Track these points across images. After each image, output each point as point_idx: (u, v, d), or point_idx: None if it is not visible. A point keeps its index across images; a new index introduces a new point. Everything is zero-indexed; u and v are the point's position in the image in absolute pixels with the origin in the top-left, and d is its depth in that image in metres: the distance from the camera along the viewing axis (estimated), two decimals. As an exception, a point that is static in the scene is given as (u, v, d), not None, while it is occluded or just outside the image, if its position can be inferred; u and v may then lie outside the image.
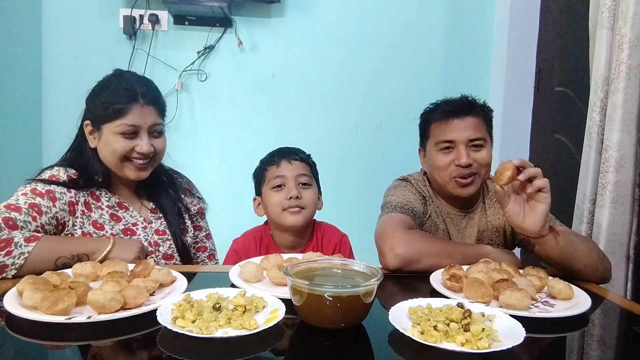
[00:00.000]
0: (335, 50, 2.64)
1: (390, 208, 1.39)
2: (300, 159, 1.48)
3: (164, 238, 1.41)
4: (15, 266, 1.09)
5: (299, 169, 1.46)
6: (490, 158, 1.41)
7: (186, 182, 1.57)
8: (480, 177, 1.40)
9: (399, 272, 1.23)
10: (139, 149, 1.31)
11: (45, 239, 1.15)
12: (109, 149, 1.31)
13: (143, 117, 1.31)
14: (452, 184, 1.40)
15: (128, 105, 1.29)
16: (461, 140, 1.38)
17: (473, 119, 1.39)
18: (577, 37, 2.05)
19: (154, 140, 1.34)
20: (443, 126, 1.41)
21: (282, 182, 1.44)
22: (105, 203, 1.36)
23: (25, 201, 1.21)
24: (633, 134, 1.61)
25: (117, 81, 1.34)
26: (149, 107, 1.33)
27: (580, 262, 1.21)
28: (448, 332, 0.81)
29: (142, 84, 1.35)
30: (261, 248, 1.47)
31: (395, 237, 1.25)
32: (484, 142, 1.40)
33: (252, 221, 1.57)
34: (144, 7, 2.50)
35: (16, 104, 2.38)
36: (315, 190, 1.49)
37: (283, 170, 1.44)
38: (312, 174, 1.50)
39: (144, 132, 1.32)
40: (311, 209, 1.46)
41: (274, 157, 1.48)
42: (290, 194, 1.41)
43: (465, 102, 1.43)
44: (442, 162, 1.40)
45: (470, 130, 1.38)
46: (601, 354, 0.91)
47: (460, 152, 1.37)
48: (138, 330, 0.86)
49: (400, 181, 1.52)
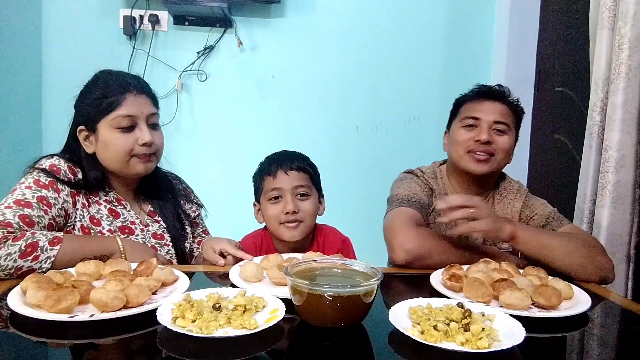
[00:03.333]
0: (335, 50, 2.64)
1: (397, 202, 1.39)
2: (298, 167, 1.41)
3: (162, 243, 1.39)
4: (42, 270, 1.09)
5: (296, 179, 1.40)
6: (511, 147, 1.45)
7: (184, 188, 1.56)
8: (496, 161, 1.42)
9: (407, 268, 1.24)
10: (141, 141, 1.27)
11: (68, 240, 1.14)
12: (110, 149, 1.27)
13: (139, 107, 1.28)
14: (467, 158, 1.42)
15: (121, 95, 1.26)
16: (486, 119, 1.42)
17: (502, 106, 1.44)
18: (577, 37, 2.05)
19: (153, 132, 1.31)
20: (474, 105, 1.46)
21: (279, 194, 1.39)
22: (104, 198, 1.34)
23: (32, 195, 1.19)
24: (633, 134, 1.61)
25: (104, 77, 1.32)
26: (142, 95, 1.30)
27: (559, 262, 1.22)
28: (448, 332, 0.81)
29: (130, 76, 1.33)
30: (261, 253, 1.45)
31: (405, 233, 1.26)
32: (508, 129, 1.43)
33: (252, 222, 1.57)
34: (144, 7, 2.50)
35: (16, 104, 2.38)
36: (315, 199, 1.44)
37: (279, 182, 1.39)
38: (312, 180, 1.45)
39: (142, 122, 1.29)
40: (309, 221, 1.42)
41: (271, 166, 1.42)
42: (287, 209, 1.37)
43: (499, 90, 1.48)
44: (462, 136, 1.44)
45: (497, 113, 1.42)
46: (601, 353, 0.91)
47: (482, 129, 1.41)
48: (141, 329, 0.87)
49: (406, 174, 1.53)
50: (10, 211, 1.14)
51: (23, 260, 1.07)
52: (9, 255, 1.06)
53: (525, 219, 1.47)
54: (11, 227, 1.11)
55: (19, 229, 1.12)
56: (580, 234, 1.37)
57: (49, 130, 2.57)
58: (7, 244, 1.07)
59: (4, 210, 1.14)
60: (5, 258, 1.06)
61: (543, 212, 1.45)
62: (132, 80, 1.31)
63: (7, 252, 1.06)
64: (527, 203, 1.48)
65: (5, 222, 1.11)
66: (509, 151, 1.44)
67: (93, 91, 1.29)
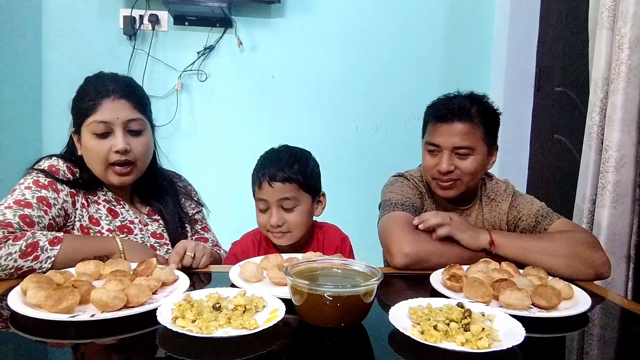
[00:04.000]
0: (335, 50, 2.64)
1: (391, 206, 1.39)
2: (283, 179, 1.33)
3: (161, 242, 1.39)
4: (42, 270, 1.09)
5: (281, 192, 1.33)
6: (477, 167, 1.38)
7: (184, 186, 1.55)
8: (463, 183, 1.40)
9: (406, 271, 1.24)
10: (114, 147, 1.24)
11: (68, 240, 1.14)
12: (89, 155, 1.27)
13: (114, 112, 1.24)
14: (434, 184, 1.42)
15: (97, 101, 1.24)
16: (446, 147, 1.37)
17: (462, 126, 1.35)
18: (577, 37, 2.05)
19: (131, 139, 1.27)
20: (433, 129, 1.40)
21: (265, 205, 1.36)
22: (102, 197, 1.34)
23: (32, 195, 1.19)
24: (633, 134, 1.61)
25: (88, 81, 1.31)
26: (120, 101, 1.25)
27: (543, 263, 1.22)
28: (448, 332, 0.81)
29: (114, 81, 1.29)
30: (260, 251, 1.44)
31: (403, 237, 1.26)
32: (472, 150, 1.37)
33: (252, 221, 1.56)
34: (144, 7, 2.50)
35: (16, 104, 2.38)
36: (305, 206, 1.37)
37: (264, 194, 1.34)
38: (302, 187, 1.36)
39: (118, 128, 1.24)
40: (298, 231, 1.38)
41: (259, 173, 1.37)
42: (271, 222, 1.34)
43: (459, 106, 1.37)
44: (427, 163, 1.42)
45: (457, 137, 1.36)
46: (601, 354, 0.91)
47: (442, 157, 1.37)
48: (141, 329, 0.87)
49: (396, 177, 1.53)
50: (11, 211, 1.14)
51: (23, 260, 1.07)
52: (9, 255, 1.06)
53: (513, 220, 1.45)
54: (11, 227, 1.11)
55: (19, 229, 1.12)
56: (570, 231, 1.34)
57: (49, 131, 2.57)
58: (7, 243, 1.07)
59: (4, 211, 1.14)
60: (5, 258, 1.06)
61: (530, 211, 1.43)
62: (112, 84, 1.27)
63: (7, 251, 1.06)
64: (513, 204, 1.47)
65: (5, 222, 1.11)
66: (475, 172, 1.39)
67: (78, 94, 1.30)
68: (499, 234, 1.31)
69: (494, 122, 1.43)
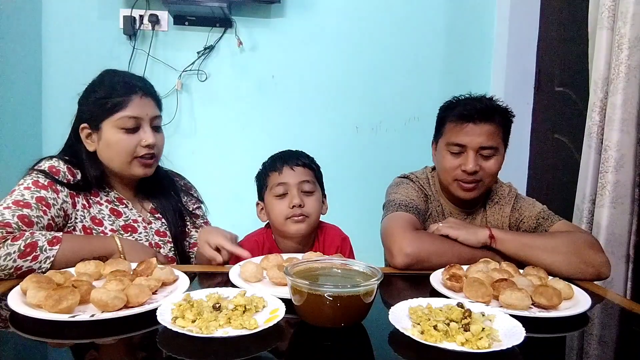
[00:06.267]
0: (335, 50, 2.64)
1: (394, 207, 1.39)
2: (303, 164, 1.43)
3: (165, 240, 1.40)
4: (42, 270, 1.09)
5: (302, 175, 1.42)
6: (498, 168, 1.40)
7: (184, 184, 1.57)
8: (485, 184, 1.41)
9: (406, 271, 1.24)
10: (144, 142, 1.29)
11: (67, 240, 1.14)
12: (113, 149, 1.29)
13: (144, 108, 1.30)
14: (455, 186, 1.41)
15: (127, 97, 1.28)
16: (472, 146, 1.36)
17: (489, 126, 1.36)
18: (577, 37, 2.05)
19: (155, 134, 1.33)
20: (457, 129, 1.38)
21: (285, 189, 1.40)
22: (104, 198, 1.35)
23: (31, 195, 1.19)
24: (633, 134, 1.61)
25: (110, 77, 1.33)
26: (147, 98, 1.32)
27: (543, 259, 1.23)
28: (448, 332, 0.81)
29: (137, 78, 1.36)
30: (264, 252, 1.44)
31: (404, 237, 1.26)
32: (496, 151, 1.38)
33: (252, 222, 1.57)
34: (144, 7, 2.50)
35: (16, 103, 2.38)
36: (319, 195, 1.46)
37: (285, 177, 1.40)
38: (316, 178, 1.47)
39: (146, 123, 1.31)
40: (315, 217, 1.43)
41: (276, 163, 1.44)
42: (293, 202, 1.38)
43: (485, 107, 1.38)
44: (449, 164, 1.40)
45: (484, 137, 1.36)
46: (601, 353, 0.91)
47: (468, 157, 1.36)
48: (141, 329, 0.87)
49: (402, 179, 1.53)
50: (9, 211, 1.14)
51: (22, 260, 1.07)
52: (8, 255, 1.06)
53: (515, 223, 1.46)
54: (10, 227, 1.11)
55: (18, 229, 1.12)
56: (570, 232, 1.34)
57: (49, 131, 2.57)
58: (6, 243, 1.07)
59: (2, 211, 1.14)
60: (4, 258, 1.06)
61: (531, 213, 1.44)
62: (139, 82, 1.33)
63: (6, 251, 1.06)
64: (515, 206, 1.47)
65: (4, 222, 1.11)
66: (496, 173, 1.41)
67: (99, 90, 1.30)
68: (499, 230, 1.32)
69: (509, 124, 1.44)
